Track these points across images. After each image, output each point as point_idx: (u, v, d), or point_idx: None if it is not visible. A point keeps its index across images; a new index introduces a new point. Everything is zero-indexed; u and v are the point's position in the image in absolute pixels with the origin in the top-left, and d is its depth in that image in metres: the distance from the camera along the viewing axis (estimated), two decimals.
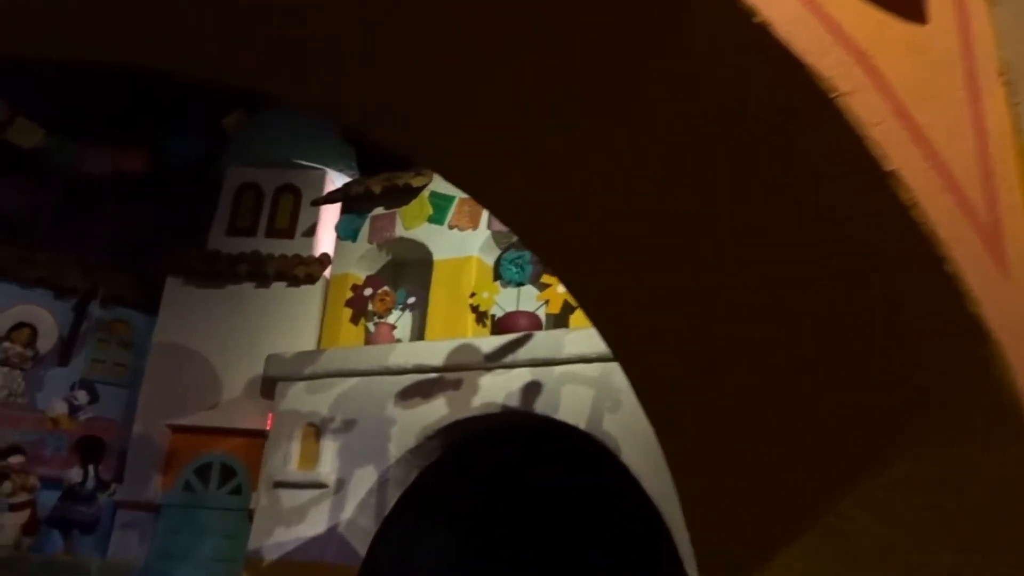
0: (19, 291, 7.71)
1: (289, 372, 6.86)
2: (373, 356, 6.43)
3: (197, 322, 7.75)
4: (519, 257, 6.28)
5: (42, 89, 8.33)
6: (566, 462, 6.30)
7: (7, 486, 6.28)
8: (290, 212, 8.24)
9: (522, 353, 5.71)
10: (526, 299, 6.45)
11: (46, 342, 7.60)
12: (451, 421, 5.97)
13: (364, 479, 6.19)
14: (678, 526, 4.80)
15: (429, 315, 6.71)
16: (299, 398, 6.77)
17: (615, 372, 5.42)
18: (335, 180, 8.36)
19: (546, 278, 6.20)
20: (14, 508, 6.24)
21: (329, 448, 6.39)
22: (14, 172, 8.42)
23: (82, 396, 6.94)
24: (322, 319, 7.53)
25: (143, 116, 8.76)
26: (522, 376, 5.72)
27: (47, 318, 7.64)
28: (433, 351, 6.12)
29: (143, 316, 8.16)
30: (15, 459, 6.33)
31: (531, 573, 7.03)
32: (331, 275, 7.57)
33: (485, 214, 6.78)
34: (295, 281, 7.76)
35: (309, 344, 7.37)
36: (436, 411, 6.04)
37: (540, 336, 5.71)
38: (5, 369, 7.32)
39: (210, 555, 7.01)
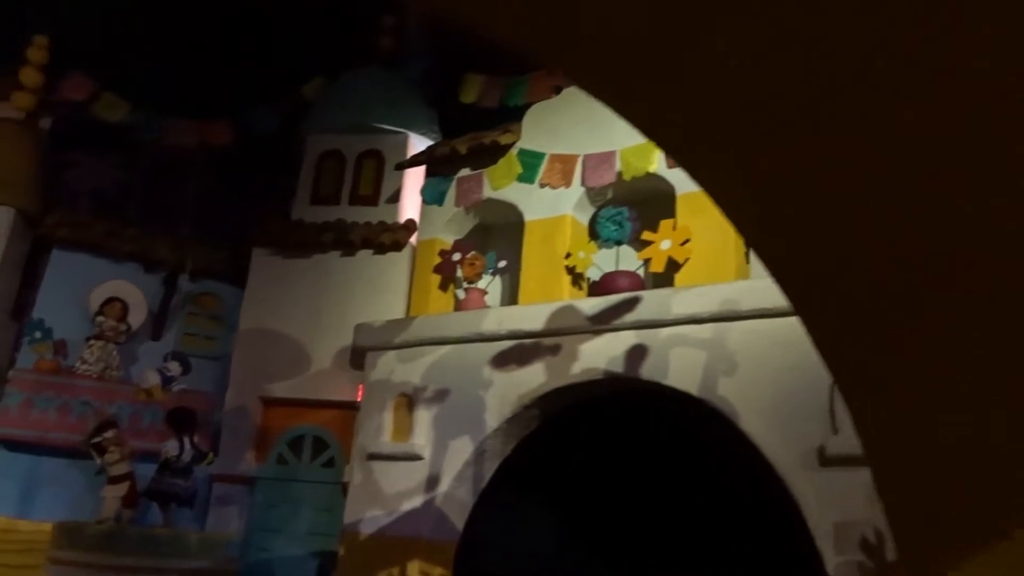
0: (111, 265, 7.72)
1: (379, 341, 6.65)
2: (465, 322, 6.14)
3: (285, 293, 7.62)
4: (617, 214, 5.86)
5: (126, 65, 8.29)
6: (675, 431, 5.90)
7: (107, 458, 6.27)
8: (373, 178, 8.00)
9: (626, 315, 5.30)
10: (625, 259, 6.05)
11: (137, 316, 7.60)
12: (550, 389, 5.63)
13: (460, 450, 5.93)
14: (807, 499, 4.36)
15: (522, 278, 6.37)
16: (390, 368, 6.55)
17: (730, 332, 4.99)
18: (417, 144, 8.07)
19: (647, 235, 5.78)
20: (113, 481, 6.24)
21: (423, 419, 6.15)
22: (103, 149, 8.44)
23: (174, 367, 6.89)
24: (410, 286, 7.29)
25: (225, 88, 8.64)
26: (626, 339, 5.32)
27: (136, 293, 7.64)
28: (530, 315, 5.78)
29: (231, 288, 8.09)
30: (109, 433, 6.32)
31: (637, 549, 6.68)
32: (418, 241, 7.31)
33: (578, 170, 6.38)
34: (381, 248, 7.54)
35: (397, 312, 7.15)
36: (534, 378, 5.71)
37: (645, 296, 5.29)
38: (100, 343, 7.36)
39: (306, 528, 6.91)
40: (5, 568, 5.78)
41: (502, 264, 6.60)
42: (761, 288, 4.96)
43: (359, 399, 6.79)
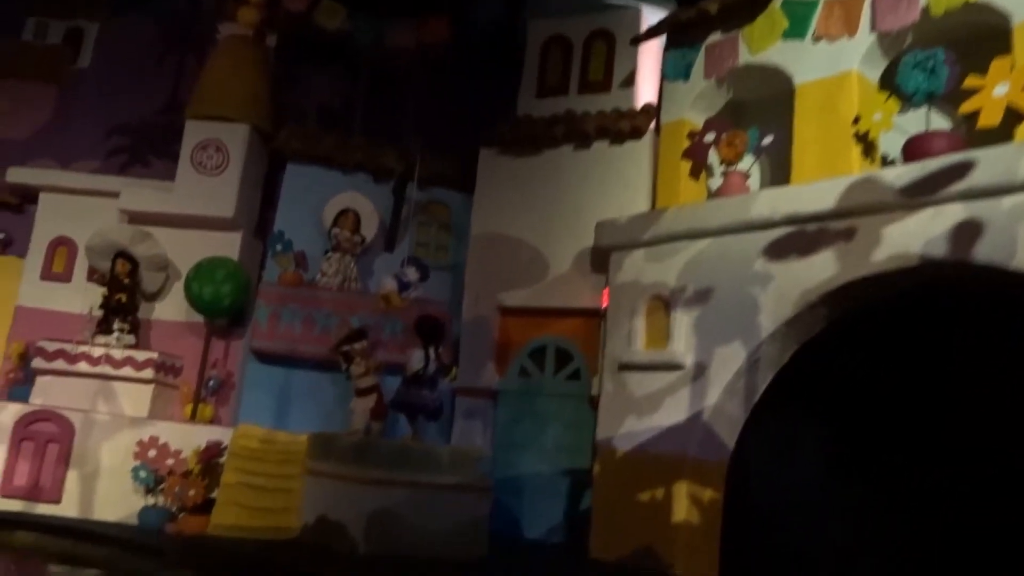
0: (342, 177, 7.54)
1: (624, 239, 5.92)
2: (729, 210, 5.23)
3: (516, 195, 7.08)
4: (928, 58, 4.60)
5: None
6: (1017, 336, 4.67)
7: (353, 370, 6.11)
8: (604, 62, 7.13)
9: (952, 184, 4.14)
10: (936, 119, 4.80)
11: (369, 227, 7.38)
12: (842, 283, 4.64)
13: (729, 359, 5.11)
14: None
15: (795, 153, 5.31)
16: (638, 268, 5.82)
17: None
18: (652, 18, 7.03)
19: (971, 80, 4.47)
20: (360, 393, 6.08)
21: (682, 323, 5.38)
22: (325, 61, 8.24)
23: (411, 273, 6.58)
24: (654, 177, 6.44)
25: None
26: (951, 215, 4.18)
27: (367, 203, 7.41)
28: (814, 194, 4.77)
29: (460, 195, 7.68)
30: (359, 344, 6.13)
31: (933, 481, 5.54)
32: (661, 125, 6.41)
33: (866, 13, 5.13)
34: (618, 137, 6.73)
35: (641, 207, 6.36)
36: (820, 271, 4.72)
37: (980, 157, 4.08)
38: (338, 255, 7.23)
39: (552, 444, 6.46)
40: (267, 477, 5.85)
41: (767, 140, 5.55)
42: None
43: (604, 305, 6.13)
